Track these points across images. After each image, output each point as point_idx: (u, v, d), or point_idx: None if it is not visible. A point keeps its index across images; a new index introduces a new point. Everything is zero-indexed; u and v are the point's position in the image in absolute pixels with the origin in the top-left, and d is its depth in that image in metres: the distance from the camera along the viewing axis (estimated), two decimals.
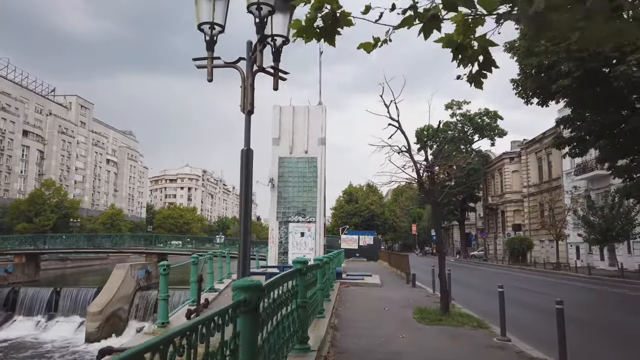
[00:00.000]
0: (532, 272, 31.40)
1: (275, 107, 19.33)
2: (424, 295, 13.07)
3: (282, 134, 19.15)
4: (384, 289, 14.45)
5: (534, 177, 44.05)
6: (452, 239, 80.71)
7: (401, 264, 20.79)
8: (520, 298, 14.95)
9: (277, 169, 18.93)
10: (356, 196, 73.23)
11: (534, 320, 10.16)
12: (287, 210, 18.78)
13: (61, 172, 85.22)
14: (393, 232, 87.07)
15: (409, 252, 77.36)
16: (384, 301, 11.48)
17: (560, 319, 5.48)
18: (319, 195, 18.70)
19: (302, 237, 18.56)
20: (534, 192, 43.65)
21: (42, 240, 33.82)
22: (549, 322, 6.35)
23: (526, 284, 21.42)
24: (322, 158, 18.97)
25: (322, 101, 19.54)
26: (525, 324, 9.27)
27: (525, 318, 10.43)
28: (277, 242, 18.59)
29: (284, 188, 18.88)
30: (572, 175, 35.53)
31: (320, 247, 18.45)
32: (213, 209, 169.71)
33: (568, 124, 19.96)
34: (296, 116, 19.23)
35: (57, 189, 57.60)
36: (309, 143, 19.04)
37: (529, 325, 9.34)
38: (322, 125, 19.13)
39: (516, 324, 8.51)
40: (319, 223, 18.54)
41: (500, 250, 51.43)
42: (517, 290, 17.56)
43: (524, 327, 8.77)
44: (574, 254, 36.17)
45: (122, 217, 71.02)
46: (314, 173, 18.90)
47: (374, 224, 71.49)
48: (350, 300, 11.37)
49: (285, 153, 19.06)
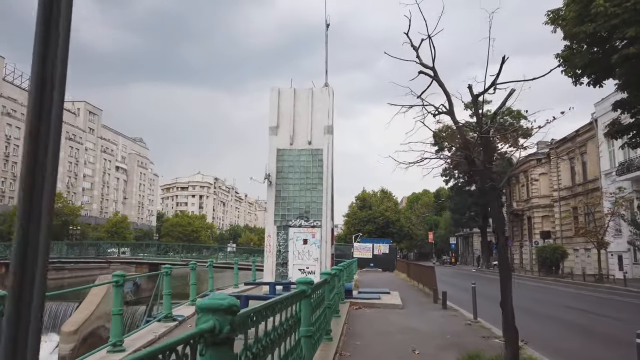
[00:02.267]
0: (569, 285, 27.61)
1: (274, 90, 16.27)
2: (462, 323, 9.72)
3: (282, 121, 16.06)
4: (408, 313, 11.11)
5: (565, 179, 40.15)
6: (472, 247, 76.52)
7: (425, 278, 17.37)
8: (582, 323, 11.49)
9: (275, 163, 15.82)
10: (370, 202, 69.78)
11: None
12: (287, 213, 15.62)
13: (68, 179, 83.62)
14: (409, 240, 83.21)
15: (425, 261, 73.51)
16: (410, 334, 8.21)
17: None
18: (325, 195, 15.50)
19: (305, 245, 15.35)
20: (566, 195, 39.74)
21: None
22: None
23: (572, 301, 17.89)
24: (328, 150, 15.80)
25: (329, 83, 16.41)
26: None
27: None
28: (275, 250, 15.41)
29: (284, 186, 15.74)
30: (612, 175, 31.69)
31: (327, 257, 15.21)
32: (225, 217, 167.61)
33: (627, 108, 16.47)
34: (298, 100, 16.13)
35: (57, 195, 55.31)
36: (313, 132, 15.90)
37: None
38: (328, 111, 15.98)
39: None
40: (325, 228, 15.33)
41: (526, 260, 47.41)
42: (568, 311, 14.09)
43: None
44: (615, 264, 32.20)
45: (126, 225, 68.47)
46: (319, 168, 15.73)
47: (388, 231, 67.86)
48: (362, 335, 8.08)
49: (285, 144, 15.95)
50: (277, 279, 15.17)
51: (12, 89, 73.65)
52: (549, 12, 16.78)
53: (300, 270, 15.15)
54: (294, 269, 15.21)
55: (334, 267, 10.75)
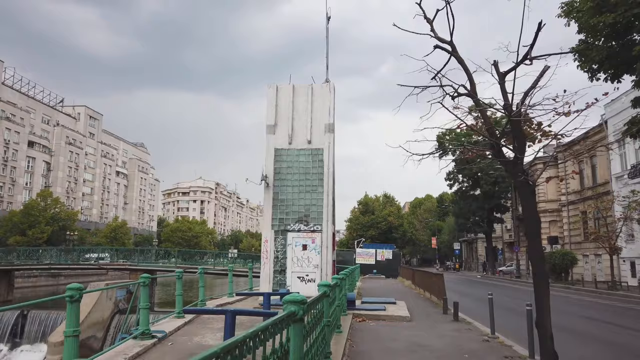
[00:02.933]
0: (581, 292, 26.47)
1: (271, 87, 15.34)
2: (479, 338, 8.69)
3: (280, 119, 15.12)
4: (417, 327, 10.07)
5: (574, 183, 39.04)
6: (477, 253, 75.23)
7: (432, 286, 16.30)
8: (612, 338, 10.42)
9: (273, 164, 14.86)
10: (372, 207, 68.69)
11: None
12: (286, 217, 14.63)
13: (68, 184, 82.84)
14: (412, 245, 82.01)
15: (428, 267, 72.25)
16: (421, 353, 7.20)
17: None
18: (325, 197, 14.52)
19: (304, 251, 14.35)
20: (575, 200, 38.62)
21: (15, 255, 29.94)
22: None
23: (590, 311, 16.83)
24: (329, 149, 14.83)
25: (329, 79, 15.47)
26: None
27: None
28: (273, 257, 14.41)
29: (282, 188, 14.77)
30: (624, 178, 30.62)
31: (328, 263, 14.20)
32: (226, 223, 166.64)
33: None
34: (297, 97, 15.18)
35: (54, 199, 54.33)
36: (313, 130, 14.94)
37: None
38: (329, 108, 15.03)
39: None
40: (326, 233, 14.33)
41: None
42: (589, 324, 13.01)
43: None
44: (627, 270, 31.02)
45: (125, 230, 67.45)
46: (320, 169, 14.76)
47: (391, 236, 66.76)
48: (367, 355, 7.05)
49: (284, 143, 14.99)
50: (275, 287, 14.17)
51: (12, 93, 73.06)
52: (563, 4, 15.85)
53: (299, 278, 14.15)
54: (293, 277, 14.21)
55: (335, 275, 9.77)
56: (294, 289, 13.79)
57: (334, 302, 6.57)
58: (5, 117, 69.38)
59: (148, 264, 28.79)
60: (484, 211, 51.88)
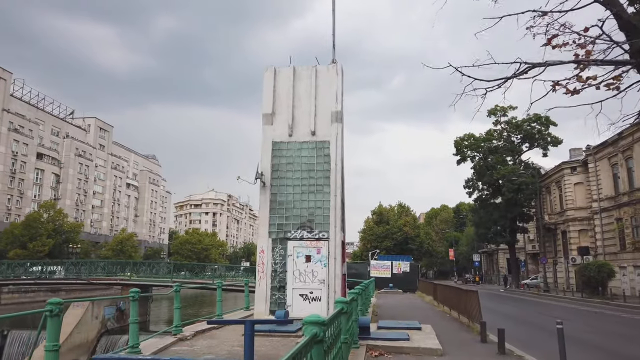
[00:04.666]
0: (624, 309, 23.35)
1: (268, 69, 13.12)
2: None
3: (278, 107, 12.85)
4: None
5: (607, 188, 35.90)
6: (497, 265, 71.62)
7: (461, 304, 13.62)
8: None
9: (270, 160, 12.54)
10: (387, 217, 65.89)
11: None
12: (285, 222, 12.26)
13: (78, 196, 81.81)
14: (429, 257, 78.70)
15: (446, 279, 68.88)
16: None
17: None
18: (333, 198, 12.12)
19: (308, 264, 11.92)
20: (609, 206, 35.47)
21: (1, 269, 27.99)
22: None
23: None
24: (337, 142, 12.48)
25: (337, 60, 13.16)
26: None
27: None
28: (270, 270, 12.00)
29: (280, 187, 12.43)
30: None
31: (337, 278, 11.73)
32: (239, 235, 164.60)
33: None
34: (299, 81, 12.92)
35: (58, 211, 52.75)
36: (318, 120, 12.63)
37: None
38: (337, 94, 12.72)
39: None
40: (333, 241, 11.90)
41: (561, 279, 42.90)
42: None
43: None
44: None
45: (133, 242, 65.63)
46: (326, 165, 12.40)
47: (407, 248, 63.76)
48: None
49: (283, 135, 12.70)
50: (273, 307, 11.74)
51: (20, 105, 72.53)
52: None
53: (302, 296, 11.71)
54: (294, 294, 11.77)
55: (339, 298, 7.39)
56: (296, 310, 11.34)
57: (350, 319, 4.26)
58: (14, 128, 68.71)
59: (140, 279, 26.50)
60: (506, 220, 48.77)
